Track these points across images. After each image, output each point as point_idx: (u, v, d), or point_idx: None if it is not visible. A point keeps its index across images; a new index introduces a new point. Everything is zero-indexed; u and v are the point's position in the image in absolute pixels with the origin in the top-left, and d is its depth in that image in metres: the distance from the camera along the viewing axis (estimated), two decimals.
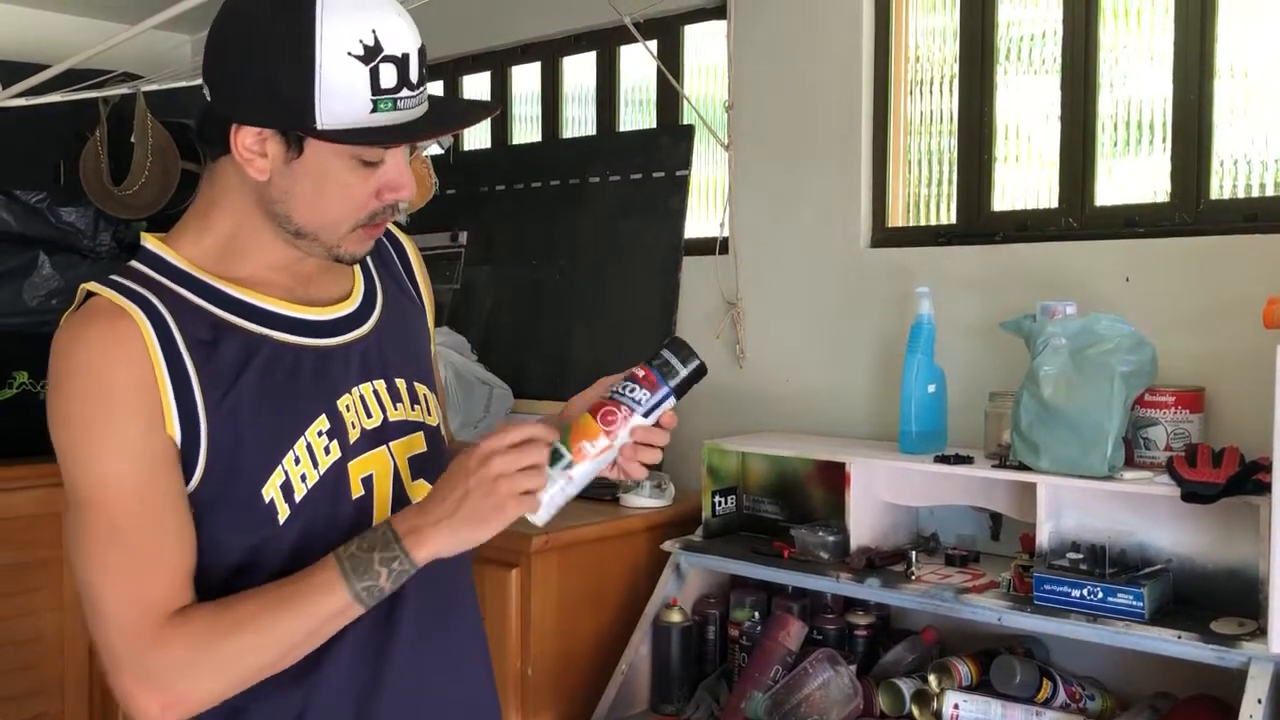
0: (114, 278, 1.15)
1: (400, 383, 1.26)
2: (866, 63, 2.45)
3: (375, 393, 1.23)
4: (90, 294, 1.14)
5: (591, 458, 1.14)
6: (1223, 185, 2.08)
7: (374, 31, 1.08)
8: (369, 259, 1.29)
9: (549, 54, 3.11)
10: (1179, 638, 1.68)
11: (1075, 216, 2.21)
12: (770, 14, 2.58)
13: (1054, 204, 2.25)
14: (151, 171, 3.21)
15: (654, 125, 2.90)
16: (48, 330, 3.26)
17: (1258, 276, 1.90)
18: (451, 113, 1.31)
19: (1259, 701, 1.57)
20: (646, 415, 1.17)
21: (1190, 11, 2.07)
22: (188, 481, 1.13)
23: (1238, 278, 1.95)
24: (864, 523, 2.12)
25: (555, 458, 1.13)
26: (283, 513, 1.16)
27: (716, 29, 2.72)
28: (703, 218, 2.80)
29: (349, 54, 1.07)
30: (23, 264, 3.28)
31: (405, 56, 1.10)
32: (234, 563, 1.17)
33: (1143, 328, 1.91)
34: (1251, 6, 2.05)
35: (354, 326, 1.25)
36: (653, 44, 2.81)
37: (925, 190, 2.46)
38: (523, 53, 3.18)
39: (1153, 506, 1.83)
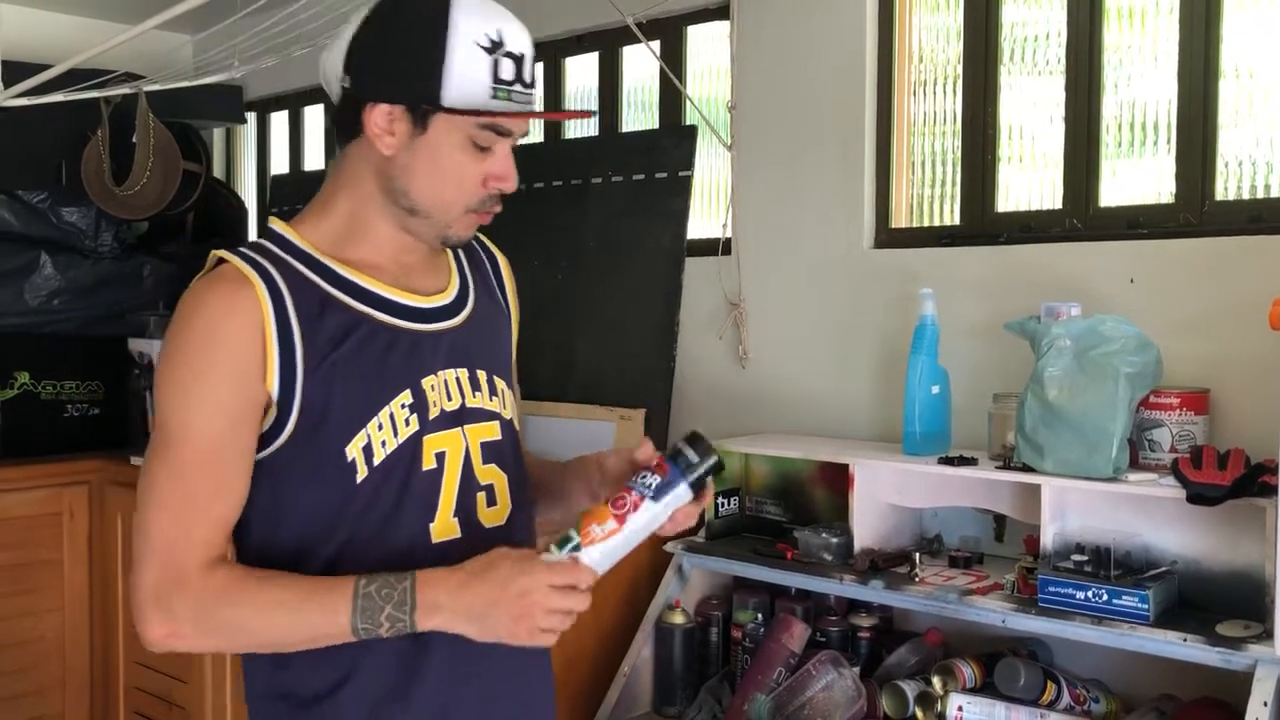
0: (242, 250, 1.30)
1: (481, 374, 1.37)
2: (870, 63, 2.45)
3: (458, 379, 1.34)
4: (220, 260, 1.29)
5: (599, 540, 1.21)
6: (1227, 187, 2.08)
7: (499, 30, 1.25)
8: (466, 264, 1.44)
9: (551, 54, 3.11)
10: (1184, 640, 1.68)
11: (1079, 218, 2.21)
12: (773, 14, 2.57)
13: (1058, 205, 2.25)
14: (153, 172, 3.22)
15: (656, 126, 2.89)
16: (49, 330, 3.27)
17: (1263, 278, 1.89)
18: (558, 108, 1.55)
19: (1265, 704, 1.57)
20: (656, 499, 1.22)
21: (1194, 12, 2.07)
22: (278, 435, 1.25)
23: (1242, 279, 1.95)
24: (867, 524, 2.11)
25: (564, 541, 1.21)
26: (361, 472, 1.26)
27: (719, 29, 2.72)
28: (705, 218, 2.79)
29: (476, 44, 1.24)
30: (24, 264, 3.29)
31: (522, 56, 1.27)
32: (311, 526, 1.27)
33: (1147, 329, 1.91)
34: (1256, 8, 2.05)
35: (447, 317, 1.37)
36: (655, 44, 2.81)
37: (929, 191, 2.46)
38: None
39: (1158, 508, 1.83)
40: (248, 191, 4.20)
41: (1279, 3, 2.02)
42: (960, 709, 1.88)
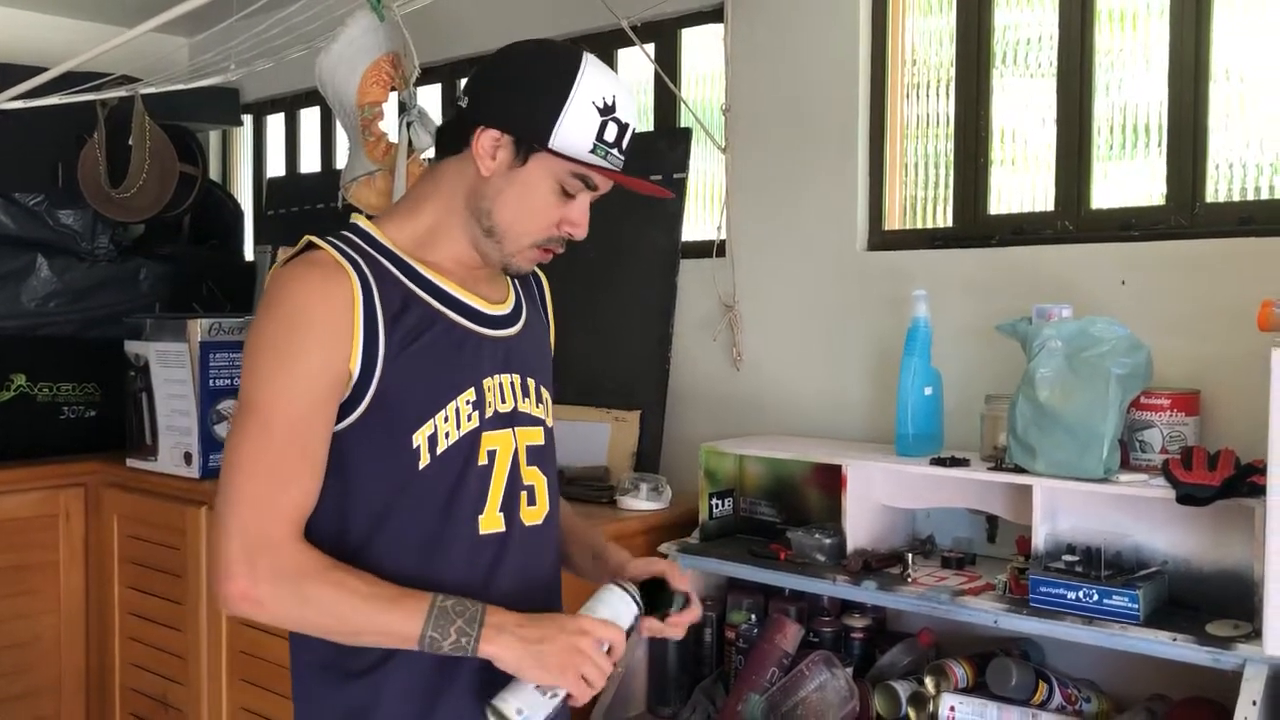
0: (333, 239, 1.39)
1: (531, 382, 1.49)
2: (863, 66, 2.46)
3: (512, 383, 1.45)
4: (313, 245, 1.38)
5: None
6: (1218, 189, 2.09)
7: (614, 96, 1.39)
8: (518, 286, 1.55)
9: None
10: (1174, 640, 1.68)
11: (1071, 219, 2.22)
12: (767, 17, 2.58)
13: (1050, 207, 2.26)
14: (149, 174, 3.22)
15: (651, 128, 2.90)
16: (45, 333, 3.27)
17: (1253, 279, 1.90)
18: (644, 178, 1.79)
19: (1254, 704, 1.58)
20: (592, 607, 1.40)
21: (1185, 15, 2.08)
22: (351, 412, 1.34)
23: (1233, 281, 1.96)
24: (860, 525, 2.12)
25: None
26: (424, 459, 1.36)
27: (714, 32, 2.73)
28: (700, 221, 2.80)
29: (593, 103, 1.37)
30: (20, 266, 3.29)
31: (626, 125, 1.41)
32: (376, 508, 1.36)
33: (1139, 330, 1.91)
34: (1247, 10, 2.06)
35: (506, 326, 1.48)
36: (650, 47, 2.82)
37: (922, 193, 2.47)
38: None
39: (1148, 509, 1.84)
40: (244, 194, 4.21)
41: (1269, 5, 2.03)
42: (953, 709, 1.88)
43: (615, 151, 1.40)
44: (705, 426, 2.65)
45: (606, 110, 1.37)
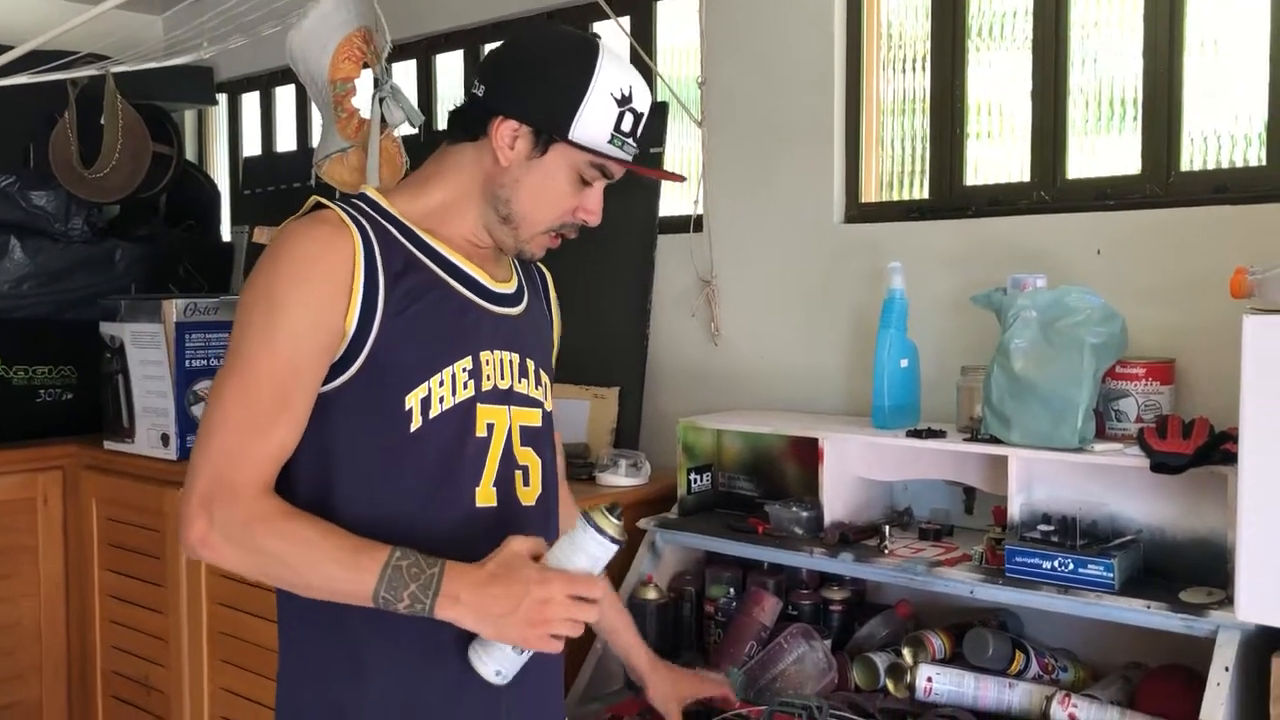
0: (339, 202, 1.40)
1: (530, 363, 1.48)
2: (839, 38, 2.45)
3: (510, 361, 1.45)
4: (320, 205, 1.39)
5: None
6: (1193, 159, 2.09)
7: (631, 87, 1.40)
8: (522, 274, 1.55)
9: (521, 30, 3.09)
10: (1148, 608, 1.69)
11: (1047, 190, 2.21)
12: None
13: (1026, 178, 2.25)
14: (122, 154, 3.19)
15: None
16: (20, 315, 3.22)
17: (1227, 248, 1.90)
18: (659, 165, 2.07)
19: (1226, 669, 1.58)
20: (565, 558, 1.31)
21: None
22: (344, 372, 1.33)
23: (1208, 249, 1.96)
24: (838, 498, 2.12)
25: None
26: (415, 422, 1.35)
27: (689, 5, 2.71)
28: (677, 195, 2.79)
29: (610, 94, 1.38)
30: None
31: (642, 115, 1.42)
32: (365, 474, 1.35)
33: (1114, 300, 1.91)
34: None
35: (509, 305, 1.48)
36: (625, 20, 2.80)
37: (899, 165, 2.46)
38: (495, 30, 3.16)
39: (1123, 478, 1.84)
40: (220, 174, 4.17)
41: None
42: (930, 679, 1.88)
43: (631, 141, 1.42)
44: (684, 402, 2.64)
45: (624, 101, 1.39)
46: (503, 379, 1.44)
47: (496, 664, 1.32)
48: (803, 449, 2.20)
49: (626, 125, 1.40)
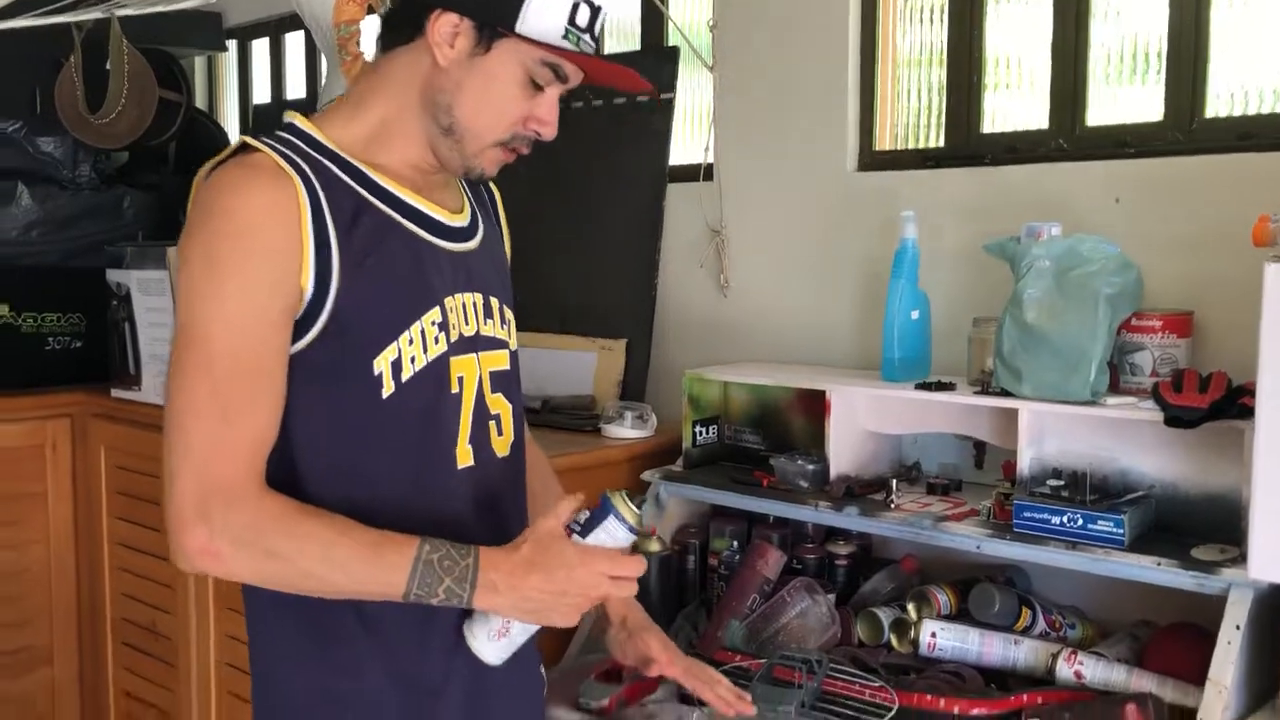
0: (272, 141, 1.22)
1: (494, 301, 1.36)
2: None
3: (474, 303, 1.32)
4: (248, 148, 1.21)
5: None
6: (1218, 107, 2.01)
7: None
8: (469, 196, 1.40)
9: None
10: (1159, 564, 1.65)
11: (1066, 137, 2.15)
12: None
13: (1044, 125, 2.18)
14: (128, 100, 3.15)
15: (638, 47, 2.82)
16: (28, 262, 3.19)
17: (1251, 196, 1.83)
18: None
19: (1237, 628, 1.54)
20: (584, 535, 1.21)
21: None
22: (304, 334, 1.19)
23: (1230, 198, 1.89)
24: (844, 451, 2.08)
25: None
26: (387, 388, 1.22)
27: None
28: (687, 143, 2.73)
29: None
30: (0, 194, 3.23)
31: (599, 9, 1.25)
32: (331, 449, 1.22)
33: (1132, 250, 1.86)
34: None
35: (464, 239, 1.35)
36: None
37: (914, 115, 2.39)
38: None
39: (1136, 432, 1.79)
40: (230, 122, 4.14)
41: None
42: (934, 635, 1.85)
43: (588, 37, 1.25)
44: (692, 354, 2.60)
45: None
46: (468, 324, 1.31)
47: (500, 651, 1.25)
48: (810, 402, 2.16)
49: (582, 19, 1.23)
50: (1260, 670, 1.58)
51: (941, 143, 2.33)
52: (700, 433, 2.30)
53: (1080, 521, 1.72)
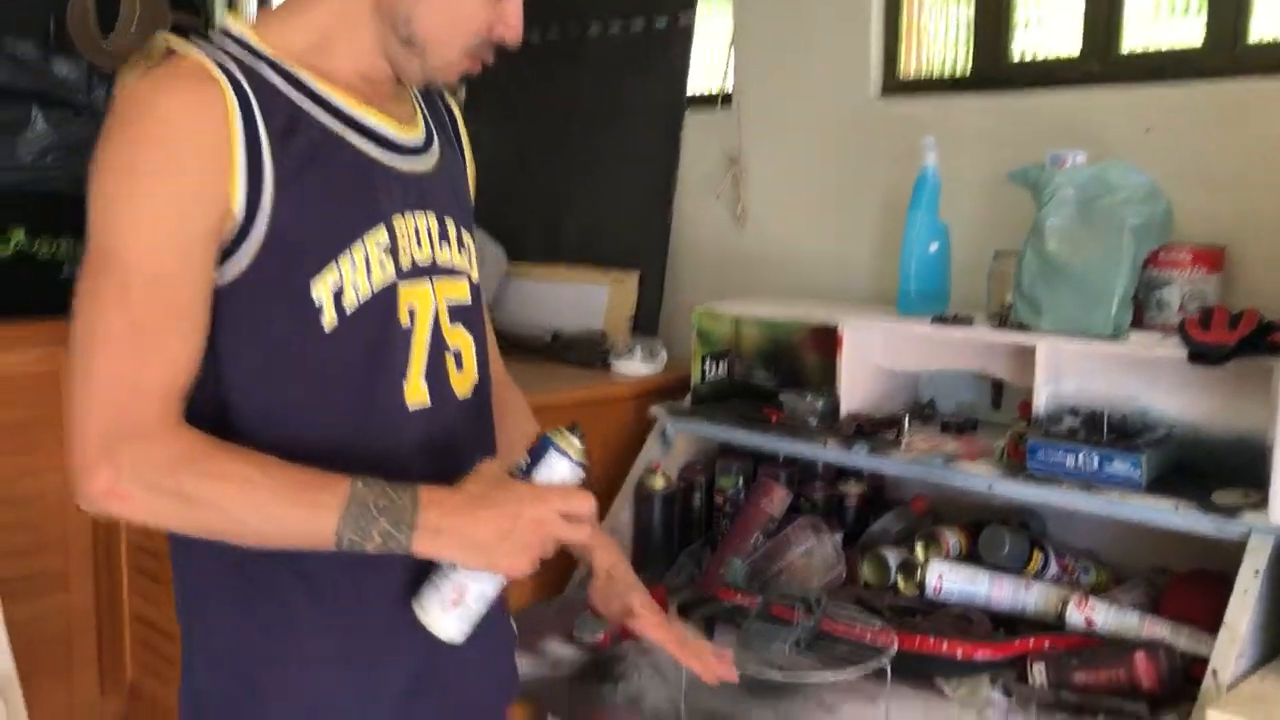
0: (200, 43, 1.10)
1: (450, 223, 1.22)
2: None
3: (428, 227, 1.19)
4: (171, 50, 1.09)
5: None
6: (1263, 35, 1.90)
7: None
8: (425, 111, 1.27)
9: None
10: (1176, 508, 1.57)
11: (1099, 62, 2.04)
12: None
13: (1076, 51, 2.07)
14: (140, 23, 3.10)
15: None
16: (44, 188, 3.14)
17: None
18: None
19: (1256, 573, 1.47)
20: (527, 475, 1.13)
21: None
22: (235, 259, 1.07)
23: (1271, 127, 1.78)
24: (856, 388, 2.01)
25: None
26: (329, 319, 1.10)
27: None
28: (705, 70, 2.64)
29: None
30: (15, 119, 3.18)
31: None
32: (265, 387, 1.11)
33: (1163, 182, 1.76)
34: None
35: (417, 156, 1.22)
36: None
37: (940, 40, 2.28)
38: None
39: (1158, 370, 1.70)
40: None
41: None
42: (940, 577, 1.79)
43: None
44: (707, 288, 2.53)
45: None
46: (420, 248, 1.18)
47: (456, 623, 1.12)
48: (824, 338, 2.08)
49: None
50: (1277, 619, 1.51)
51: (968, 69, 2.23)
52: (710, 369, 2.23)
53: (1096, 462, 1.65)
